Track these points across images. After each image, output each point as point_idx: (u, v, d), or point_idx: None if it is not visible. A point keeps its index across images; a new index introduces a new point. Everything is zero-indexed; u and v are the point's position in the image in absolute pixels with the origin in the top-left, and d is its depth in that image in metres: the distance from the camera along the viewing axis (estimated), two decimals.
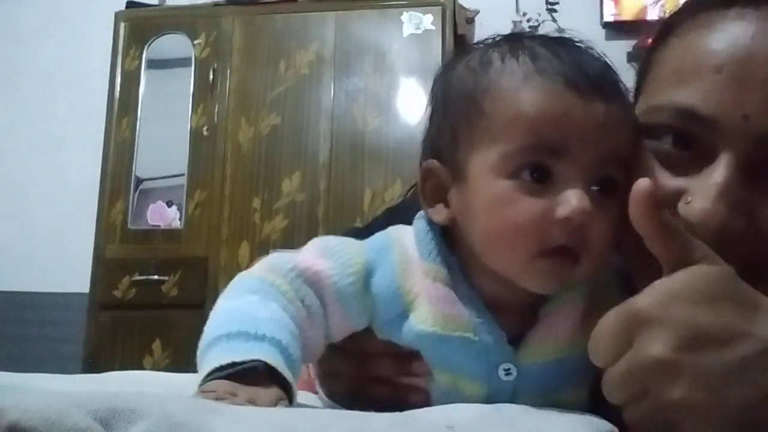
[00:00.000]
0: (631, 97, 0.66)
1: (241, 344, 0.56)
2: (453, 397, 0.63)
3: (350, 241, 0.67)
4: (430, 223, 0.66)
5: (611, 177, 0.61)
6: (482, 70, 0.63)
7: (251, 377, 0.54)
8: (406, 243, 0.66)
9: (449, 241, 0.66)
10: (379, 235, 0.68)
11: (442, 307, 0.63)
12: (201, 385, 0.54)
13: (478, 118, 0.62)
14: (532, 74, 0.60)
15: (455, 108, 0.64)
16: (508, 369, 0.63)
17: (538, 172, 0.59)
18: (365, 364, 0.67)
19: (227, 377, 0.54)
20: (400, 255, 0.65)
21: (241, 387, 0.53)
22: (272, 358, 0.55)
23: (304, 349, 0.60)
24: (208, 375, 0.54)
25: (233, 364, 0.54)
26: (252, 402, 0.51)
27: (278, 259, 0.66)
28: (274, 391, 0.54)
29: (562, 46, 0.63)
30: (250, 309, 0.59)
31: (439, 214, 0.65)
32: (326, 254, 0.65)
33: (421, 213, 0.68)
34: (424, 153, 0.68)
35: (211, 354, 0.56)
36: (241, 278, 0.66)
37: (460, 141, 0.63)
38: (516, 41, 0.64)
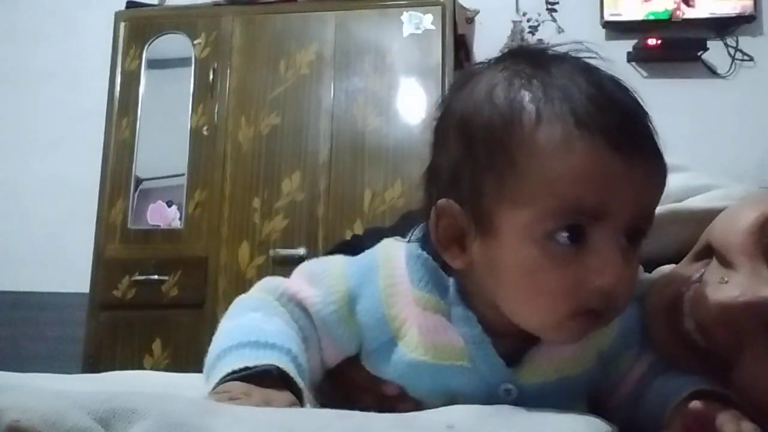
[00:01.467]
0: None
1: (252, 351, 0.56)
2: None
3: (335, 265, 0.66)
4: (424, 244, 0.64)
5: (641, 228, 0.59)
6: (512, 115, 0.57)
7: (264, 381, 0.54)
8: (395, 264, 0.64)
9: (449, 267, 0.63)
10: (366, 256, 0.67)
11: (432, 336, 0.62)
12: (213, 389, 0.54)
13: (510, 172, 0.57)
14: (572, 130, 0.55)
15: (480, 151, 0.59)
16: (509, 389, 0.62)
17: (575, 233, 0.56)
18: (351, 394, 0.66)
19: (241, 379, 0.54)
20: (386, 279, 0.64)
21: (255, 388, 0.53)
22: (284, 364, 0.55)
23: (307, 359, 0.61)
24: (221, 380, 0.54)
25: (246, 369, 0.54)
26: (267, 403, 0.51)
27: (271, 283, 0.66)
28: (287, 395, 0.54)
29: (594, 83, 0.58)
30: (255, 323, 0.60)
31: (457, 259, 0.61)
32: (312, 280, 0.65)
33: (414, 234, 0.66)
34: (435, 185, 0.63)
35: (222, 363, 0.56)
36: (240, 300, 0.66)
37: (487, 190, 0.58)
38: (542, 69, 0.59)
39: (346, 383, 0.67)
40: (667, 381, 0.64)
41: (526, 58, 0.61)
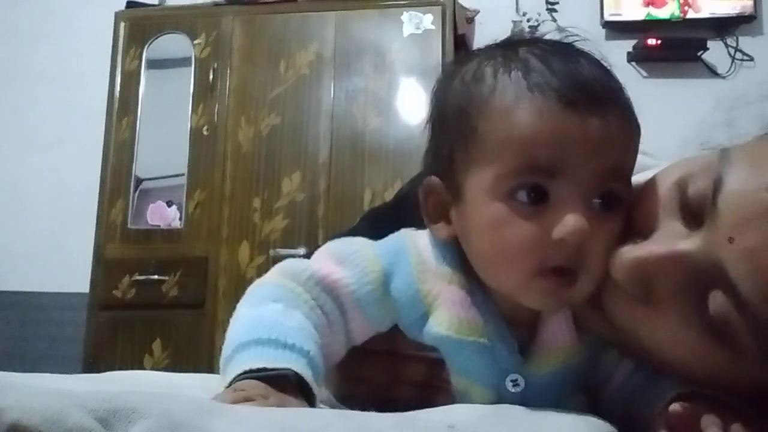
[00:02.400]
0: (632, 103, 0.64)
1: (271, 351, 0.56)
2: (462, 401, 0.64)
3: (365, 246, 0.67)
4: None
5: (613, 191, 0.59)
6: (475, 86, 0.62)
7: (280, 384, 0.54)
8: (421, 247, 0.66)
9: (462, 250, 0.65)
10: (393, 238, 0.68)
11: (458, 311, 0.63)
12: (229, 385, 0.54)
13: (472, 138, 0.60)
14: (524, 92, 0.58)
15: (451, 125, 0.63)
16: (516, 380, 0.63)
17: (534, 193, 0.58)
18: (396, 366, 0.67)
19: (258, 379, 0.54)
20: (416, 257, 0.65)
21: (272, 391, 0.53)
22: (302, 368, 0.55)
23: (323, 356, 0.60)
24: (238, 376, 0.54)
25: (264, 370, 0.54)
26: (282, 407, 0.51)
27: (296, 266, 0.65)
28: (302, 403, 0.54)
29: (559, 55, 0.61)
30: (276, 317, 0.59)
31: (441, 231, 0.64)
32: (343, 262, 0.65)
33: None
34: (426, 168, 0.67)
35: (241, 358, 0.56)
36: (260, 285, 0.65)
37: (457, 160, 0.62)
38: (511, 50, 0.62)
39: (386, 355, 0.67)
40: (654, 382, 0.64)
41: (503, 44, 0.65)
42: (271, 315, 0.60)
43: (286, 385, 0.54)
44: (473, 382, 0.63)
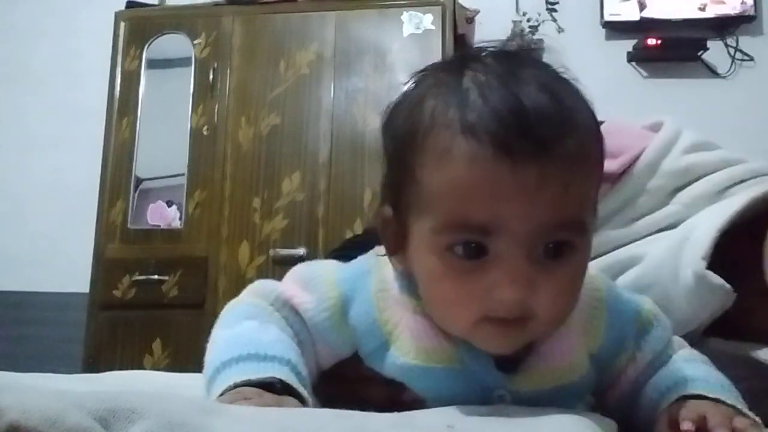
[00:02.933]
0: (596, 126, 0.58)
1: (253, 365, 0.55)
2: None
3: (328, 271, 0.65)
4: None
5: (560, 241, 0.55)
6: (414, 122, 0.56)
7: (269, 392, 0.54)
8: (386, 273, 0.64)
9: None
10: (359, 262, 0.67)
11: (422, 341, 0.61)
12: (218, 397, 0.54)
13: (410, 181, 0.57)
14: (457, 135, 0.53)
15: (394, 161, 0.59)
16: (502, 395, 0.61)
17: (470, 250, 0.54)
18: (358, 389, 0.66)
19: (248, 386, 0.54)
20: (377, 284, 0.63)
21: (266, 392, 0.53)
22: (286, 375, 0.55)
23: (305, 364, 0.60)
24: (223, 392, 0.54)
25: (248, 383, 0.54)
26: (279, 405, 0.51)
27: (264, 287, 0.65)
28: (295, 401, 0.54)
29: (503, 82, 0.54)
30: (252, 333, 0.59)
31: (398, 264, 0.62)
32: (306, 286, 0.64)
33: None
34: (383, 197, 0.63)
35: (223, 376, 0.55)
36: (233, 306, 0.64)
37: (401, 198, 0.59)
38: (456, 76, 0.57)
39: (349, 378, 0.66)
40: (660, 381, 0.64)
41: (454, 63, 0.59)
42: (247, 332, 0.59)
43: (274, 393, 0.54)
44: (456, 401, 0.61)
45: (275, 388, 0.54)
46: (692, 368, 0.65)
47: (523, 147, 0.52)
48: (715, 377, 0.63)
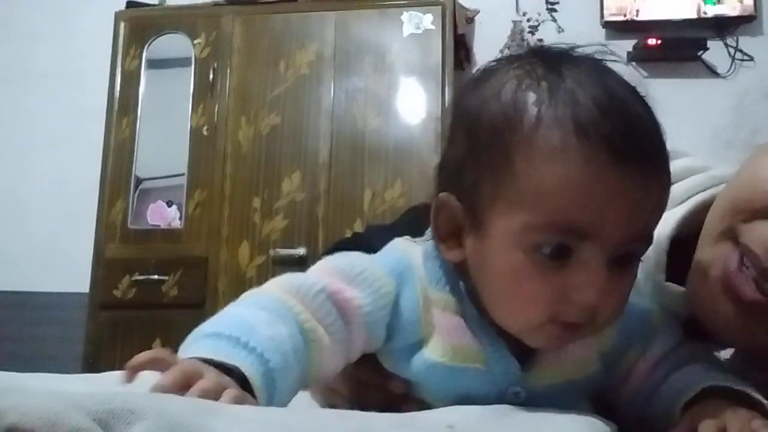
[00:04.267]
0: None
1: (228, 348, 0.51)
2: None
3: (373, 263, 0.63)
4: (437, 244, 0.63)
5: (637, 252, 0.58)
6: (515, 113, 0.56)
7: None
8: (417, 267, 0.64)
9: (458, 266, 0.62)
10: (394, 255, 0.65)
11: (452, 338, 0.61)
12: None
13: (507, 172, 0.56)
14: (571, 138, 0.53)
15: (482, 149, 0.58)
16: (517, 392, 0.62)
17: (559, 251, 0.55)
18: (360, 391, 0.66)
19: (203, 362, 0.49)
20: (419, 282, 0.63)
21: (219, 375, 0.48)
22: (251, 372, 0.50)
23: (316, 370, 0.57)
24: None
25: (211, 361, 0.49)
26: (218, 385, 0.47)
27: (302, 281, 0.59)
28: (243, 394, 0.48)
29: (604, 87, 0.56)
30: (254, 322, 0.54)
31: (451, 254, 0.61)
32: (353, 281, 0.60)
33: (427, 235, 0.65)
34: (440, 181, 0.62)
35: (197, 345, 0.52)
36: (256, 294, 0.60)
37: (483, 187, 0.57)
38: (554, 72, 0.57)
39: (353, 380, 0.66)
40: (678, 376, 0.64)
41: (543, 58, 0.59)
42: (249, 318, 0.55)
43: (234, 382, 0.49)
44: (472, 400, 0.61)
45: (233, 375, 0.49)
46: (706, 365, 0.65)
47: (633, 155, 0.53)
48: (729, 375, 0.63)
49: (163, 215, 2.95)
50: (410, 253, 0.65)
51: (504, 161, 0.56)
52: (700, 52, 3.09)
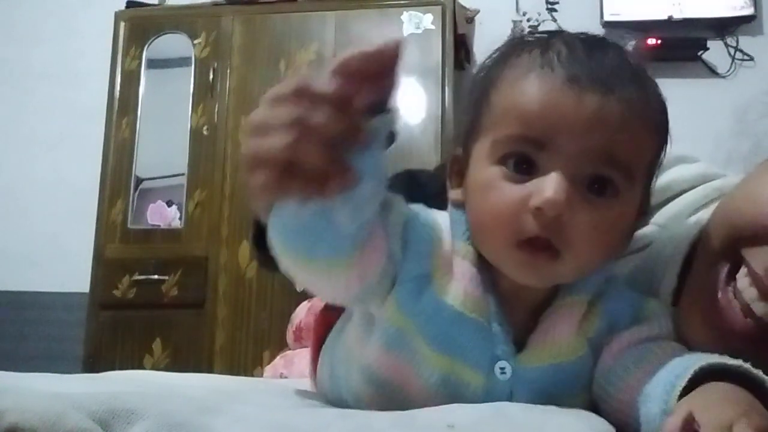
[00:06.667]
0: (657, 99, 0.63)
1: None
2: (451, 385, 0.63)
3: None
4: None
5: (606, 176, 0.59)
6: (500, 62, 0.65)
7: None
8: (440, 221, 0.67)
9: None
10: (425, 209, 0.68)
11: (466, 285, 0.63)
12: None
13: (485, 107, 0.63)
14: (535, 66, 0.60)
15: (473, 98, 0.66)
16: (504, 368, 0.62)
17: (521, 162, 0.59)
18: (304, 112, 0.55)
19: None
20: (435, 229, 0.65)
21: None
22: None
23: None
24: None
25: None
26: None
27: None
28: None
29: (591, 44, 0.62)
30: None
31: (455, 194, 0.67)
32: None
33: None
34: (458, 142, 0.69)
35: None
36: None
37: (472, 129, 0.65)
38: (553, 36, 0.64)
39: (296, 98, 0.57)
40: (670, 357, 0.60)
41: (550, 32, 0.66)
42: None
43: None
44: (463, 363, 0.62)
45: None
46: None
47: (591, 83, 0.58)
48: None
49: (163, 215, 2.95)
50: (436, 214, 0.68)
51: (484, 98, 0.64)
52: (700, 52, 3.09)
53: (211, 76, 2.99)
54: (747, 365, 0.55)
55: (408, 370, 0.64)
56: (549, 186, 0.57)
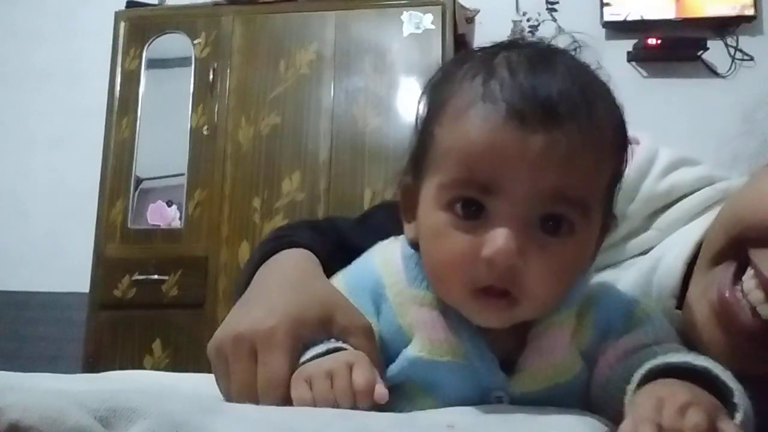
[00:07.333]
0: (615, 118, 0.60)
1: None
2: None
3: (348, 293, 0.66)
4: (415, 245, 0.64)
5: (559, 215, 0.56)
6: (440, 90, 0.61)
7: None
8: (394, 268, 0.65)
9: None
10: (364, 270, 0.67)
11: (429, 333, 0.61)
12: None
13: (429, 140, 0.60)
14: (477, 101, 0.56)
15: (421, 128, 0.63)
16: (500, 396, 0.61)
17: (469, 208, 0.56)
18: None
19: None
20: (392, 287, 0.64)
21: None
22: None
23: None
24: None
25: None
26: None
27: None
28: None
29: (534, 64, 0.57)
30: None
31: (409, 232, 0.64)
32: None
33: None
34: (407, 168, 0.65)
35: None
36: None
37: (419, 158, 0.62)
38: (491, 55, 0.60)
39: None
40: (635, 354, 0.60)
41: (491, 46, 0.62)
42: None
43: None
44: (456, 401, 0.60)
45: None
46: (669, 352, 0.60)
47: (534, 116, 0.54)
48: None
49: (163, 215, 2.95)
50: (384, 258, 0.66)
51: (428, 132, 0.61)
52: (700, 52, 3.09)
53: (211, 76, 2.99)
54: (700, 362, 0.54)
55: (404, 399, 0.63)
56: (499, 236, 0.54)
